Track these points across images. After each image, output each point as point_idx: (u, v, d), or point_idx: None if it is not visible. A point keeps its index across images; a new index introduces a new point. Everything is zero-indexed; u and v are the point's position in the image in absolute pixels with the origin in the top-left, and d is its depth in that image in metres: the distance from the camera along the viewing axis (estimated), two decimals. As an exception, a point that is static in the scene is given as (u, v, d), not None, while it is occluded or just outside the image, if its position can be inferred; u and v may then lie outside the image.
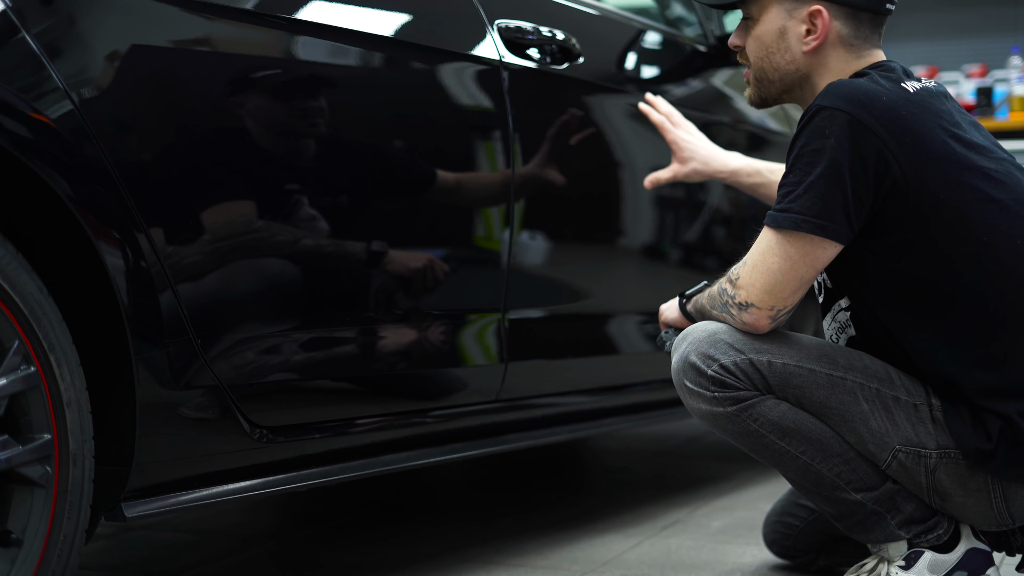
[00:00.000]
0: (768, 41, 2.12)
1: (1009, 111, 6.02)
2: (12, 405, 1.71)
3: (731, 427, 2.05)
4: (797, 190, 1.96)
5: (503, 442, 2.63)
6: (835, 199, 1.93)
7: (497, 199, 2.52)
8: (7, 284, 1.68)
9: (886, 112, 1.95)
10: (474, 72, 2.49)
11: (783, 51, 2.11)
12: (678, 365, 2.07)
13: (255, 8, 2.10)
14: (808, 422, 2.03)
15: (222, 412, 2.02)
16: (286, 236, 2.10)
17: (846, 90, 1.97)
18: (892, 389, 2.03)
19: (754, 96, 2.20)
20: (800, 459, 2.04)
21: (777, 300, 1.99)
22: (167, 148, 1.92)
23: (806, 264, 1.97)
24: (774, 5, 2.11)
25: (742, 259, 2.04)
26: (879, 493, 2.05)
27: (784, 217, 1.96)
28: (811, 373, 2.02)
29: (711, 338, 2.04)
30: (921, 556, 2.05)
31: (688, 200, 3.22)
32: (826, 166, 1.93)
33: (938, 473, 2.02)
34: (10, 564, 1.72)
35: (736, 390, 2.02)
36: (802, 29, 2.09)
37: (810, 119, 1.96)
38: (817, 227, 1.94)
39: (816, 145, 1.94)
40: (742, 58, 2.20)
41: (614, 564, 2.57)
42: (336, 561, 2.67)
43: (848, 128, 1.93)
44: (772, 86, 2.16)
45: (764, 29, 2.12)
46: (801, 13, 2.09)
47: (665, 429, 4.26)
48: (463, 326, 2.51)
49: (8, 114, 1.69)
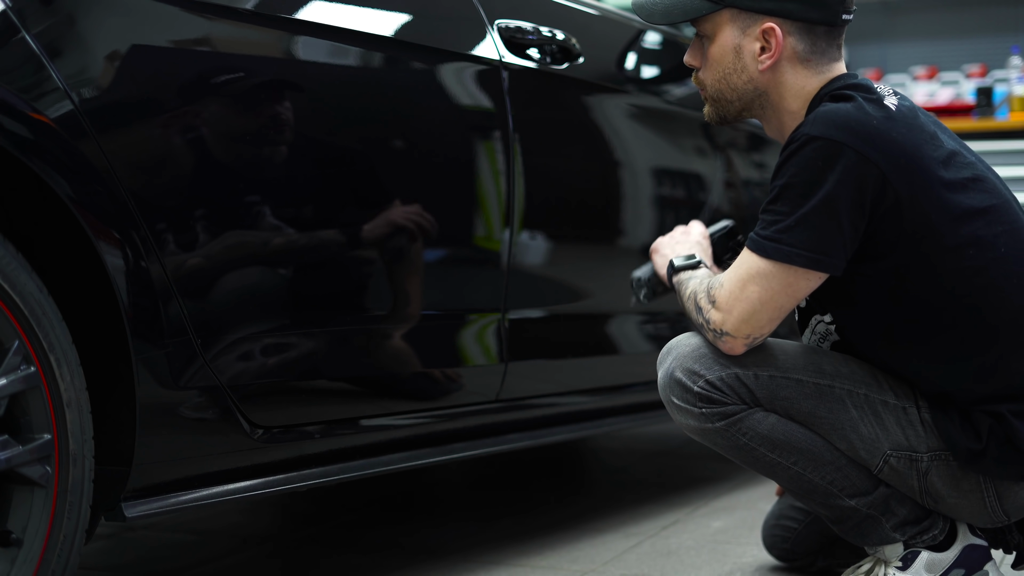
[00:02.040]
0: (723, 61, 2.07)
1: (1009, 111, 6.01)
2: (12, 405, 1.71)
3: (721, 441, 2.03)
4: (787, 221, 1.91)
5: (503, 442, 2.63)
6: (831, 233, 1.90)
7: (497, 199, 2.52)
8: (7, 284, 1.68)
9: (880, 139, 1.91)
10: (474, 72, 2.49)
11: (739, 71, 2.07)
12: (664, 381, 2.05)
13: (255, 8, 2.10)
14: (798, 433, 2.02)
15: (222, 412, 2.02)
16: (286, 236, 2.09)
17: (836, 119, 1.92)
18: (880, 393, 2.02)
19: (712, 115, 2.14)
20: (792, 469, 2.03)
21: (754, 329, 1.97)
22: (167, 148, 1.92)
23: (787, 295, 1.95)
24: (727, 24, 2.06)
25: (722, 275, 2.01)
26: (872, 498, 2.04)
27: (774, 248, 1.92)
28: (798, 383, 2.01)
29: (695, 352, 2.02)
30: (918, 556, 2.05)
31: (688, 200, 3.22)
32: (822, 199, 1.89)
33: (930, 476, 2.02)
34: (10, 564, 1.72)
35: (723, 405, 2.00)
36: (756, 47, 2.04)
37: (799, 148, 1.92)
38: (812, 261, 1.91)
39: (808, 176, 1.90)
40: (697, 79, 2.14)
41: (614, 564, 2.57)
42: (336, 561, 2.67)
43: (848, 160, 1.88)
44: (730, 105, 2.11)
45: (719, 49, 2.07)
46: (754, 31, 2.04)
47: (665, 429, 4.25)
48: (463, 326, 2.51)
49: (8, 114, 1.69)
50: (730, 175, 3.36)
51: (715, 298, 1.99)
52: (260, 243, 2.06)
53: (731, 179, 3.37)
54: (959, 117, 6.04)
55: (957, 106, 6.19)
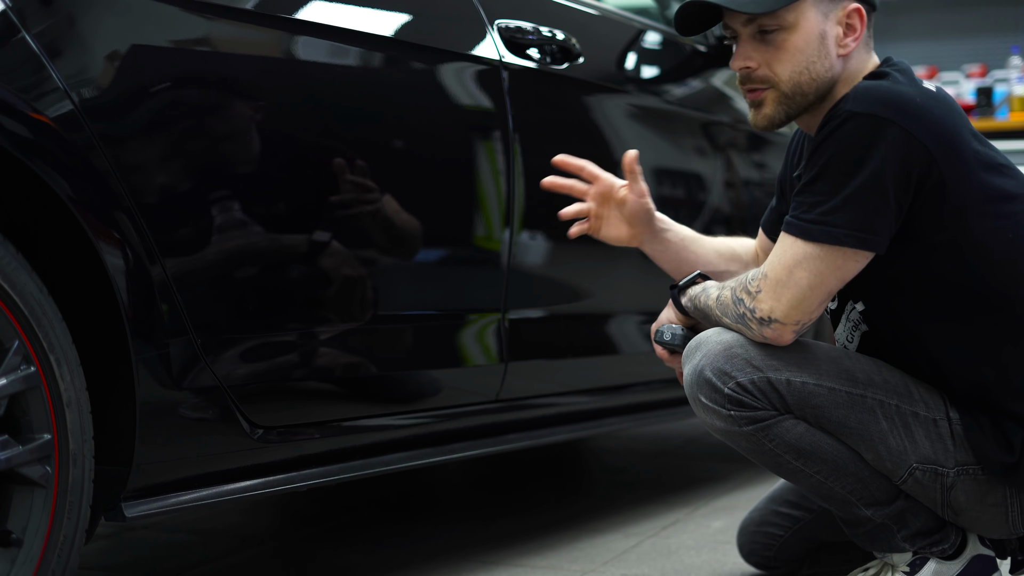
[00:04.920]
0: (808, 49, 1.98)
1: (1009, 111, 6.02)
2: (12, 405, 1.71)
3: (746, 445, 1.99)
4: (832, 201, 1.87)
5: (503, 442, 2.63)
6: (878, 211, 1.86)
7: (497, 199, 2.52)
8: (7, 284, 1.68)
9: (923, 116, 1.88)
10: (474, 72, 2.49)
11: (823, 57, 1.99)
12: (691, 378, 1.99)
13: (255, 8, 2.10)
14: (825, 443, 1.97)
15: (222, 412, 2.02)
16: (286, 236, 2.10)
17: (879, 94, 1.88)
18: (912, 404, 1.98)
19: (779, 115, 2.03)
20: (814, 478, 2.00)
21: (804, 315, 1.92)
22: (167, 148, 1.92)
23: (837, 277, 1.91)
24: (811, 10, 1.98)
25: (758, 271, 1.96)
26: (889, 510, 2.01)
27: (820, 231, 1.88)
28: (830, 392, 1.96)
29: (727, 352, 1.95)
30: (925, 564, 2.04)
31: (688, 200, 3.22)
32: (869, 177, 1.85)
33: (955, 491, 1.99)
34: (10, 564, 1.72)
35: (754, 409, 1.95)
36: (839, 31, 1.99)
37: (840, 125, 1.88)
38: (861, 241, 1.87)
39: (854, 155, 1.86)
40: (752, 81, 2.02)
41: (614, 564, 2.57)
42: (336, 561, 2.67)
43: (894, 137, 1.85)
44: (804, 100, 2.01)
45: (803, 37, 1.97)
46: (836, 14, 1.99)
47: (665, 429, 4.26)
48: (463, 326, 2.51)
49: (8, 114, 1.69)
50: (730, 175, 3.36)
51: (760, 288, 1.93)
52: (260, 243, 2.06)
53: (731, 179, 3.37)
54: (959, 117, 6.03)
55: (957, 106, 6.18)
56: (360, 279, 2.25)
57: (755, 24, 2.00)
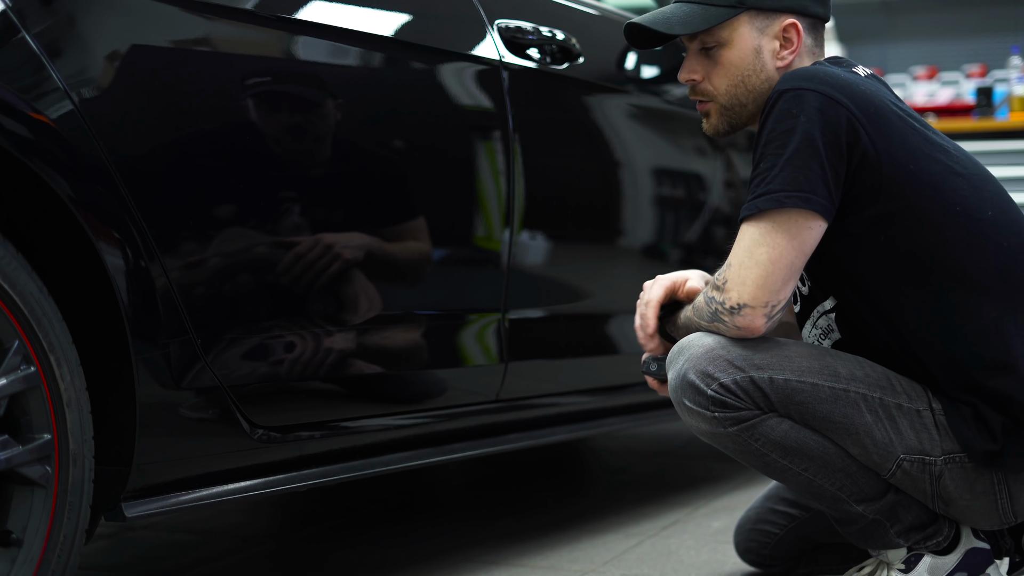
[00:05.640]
0: (743, 64, 2.08)
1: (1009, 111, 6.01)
2: (12, 405, 1.71)
3: (732, 446, 2.01)
4: (772, 171, 1.93)
5: (503, 442, 2.63)
6: (813, 171, 1.91)
7: (497, 199, 2.52)
8: (7, 284, 1.68)
9: (847, 87, 1.95)
10: (474, 72, 2.49)
11: (758, 71, 2.08)
12: (675, 383, 2.01)
13: (255, 8, 2.10)
14: (811, 440, 1.99)
15: (222, 412, 2.02)
16: (287, 236, 2.09)
17: (802, 72, 1.99)
18: (894, 397, 2.00)
19: (722, 126, 2.12)
20: (803, 475, 2.01)
21: (771, 295, 1.94)
22: (167, 148, 1.92)
23: (794, 248, 1.93)
24: (745, 26, 2.07)
25: (723, 265, 1.99)
26: (880, 504, 2.03)
27: (764, 200, 1.93)
28: (813, 388, 1.98)
29: (709, 354, 1.98)
30: (921, 560, 2.05)
31: (688, 200, 3.22)
32: (800, 141, 1.91)
33: (943, 480, 2.00)
34: (10, 564, 1.72)
35: (737, 410, 1.97)
36: (776, 45, 2.08)
37: (771, 107, 1.96)
38: (802, 200, 1.91)
39: (785, 126, 1.93)
40: (696, 93, 2.12)
41: (614, 564, 2.57)
42: (336, 561, 2.67)
43: (816, 102, 1.92)
44: (744, 111, 2.10)
45: (737, 52, 2.07)
46: (773, 29, 2.07)
47: (665, 429, 4.26)
48: (463, 326, 2.51)
49: (8, 114, 1.69)
50: (730, 175, 3.36)
51: (726, 279, 1.96)
52: (261, 243, 2.06)
53: (731, 179, 3.37)
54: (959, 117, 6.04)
55: (957, 106, 6.19)
56: (360, 279, 2.25)
57: (698, 40, 2.11)
